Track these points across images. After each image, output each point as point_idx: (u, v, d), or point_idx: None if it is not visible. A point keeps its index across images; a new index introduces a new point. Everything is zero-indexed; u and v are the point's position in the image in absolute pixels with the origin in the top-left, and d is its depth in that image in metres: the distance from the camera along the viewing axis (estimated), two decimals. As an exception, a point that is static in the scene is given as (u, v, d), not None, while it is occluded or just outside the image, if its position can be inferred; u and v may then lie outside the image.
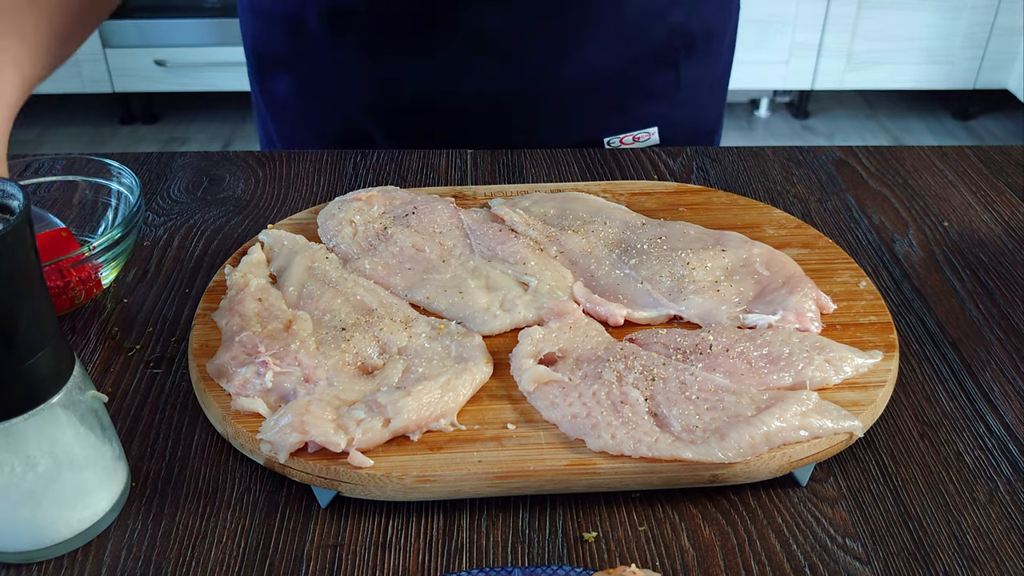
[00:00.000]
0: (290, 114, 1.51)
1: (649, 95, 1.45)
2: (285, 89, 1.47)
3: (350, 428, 0.80)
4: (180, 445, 0.87)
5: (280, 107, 1.51)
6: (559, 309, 0.96)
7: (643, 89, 1.44)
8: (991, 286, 1.09)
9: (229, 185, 1.30)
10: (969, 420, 0.91)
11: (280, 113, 1.52)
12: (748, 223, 1.14)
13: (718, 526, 0.80)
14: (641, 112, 1.46)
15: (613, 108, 1.44)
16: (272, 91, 1.50)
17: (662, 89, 1.45)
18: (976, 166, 1.36)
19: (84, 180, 1.13)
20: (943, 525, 0.80)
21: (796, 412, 0.82)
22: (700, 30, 1.43)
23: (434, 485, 0.79)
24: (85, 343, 0.99)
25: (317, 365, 0.88)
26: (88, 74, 4.27)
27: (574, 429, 0.82)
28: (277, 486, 0.83)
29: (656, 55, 1.41)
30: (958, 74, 4.46)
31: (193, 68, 4.27)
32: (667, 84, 1.45)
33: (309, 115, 1.49)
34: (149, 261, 1.13)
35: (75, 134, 4.51)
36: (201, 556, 0.77)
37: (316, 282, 1.01)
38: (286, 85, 1.47)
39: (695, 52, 1.44)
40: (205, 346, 0.93)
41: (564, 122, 1.44)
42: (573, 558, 0.77)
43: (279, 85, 1.48)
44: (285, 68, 1.45)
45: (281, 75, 1.46)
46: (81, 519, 0.77)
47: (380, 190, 1.16)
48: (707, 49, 1.46)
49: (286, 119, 1.52)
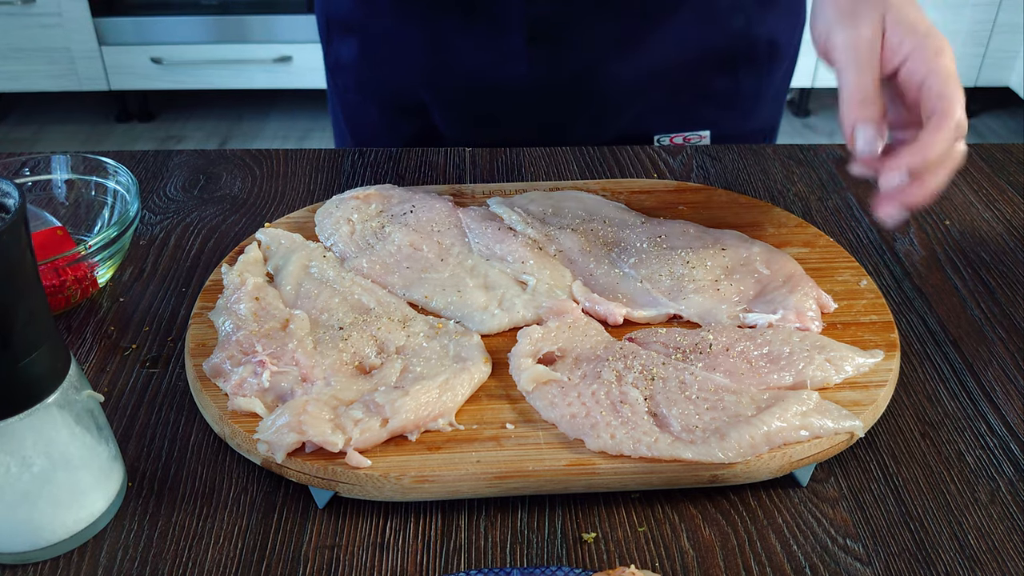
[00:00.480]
0: (351, 80, 1.52)
1: (705, 98, 1.45)
2: (349, 53, 1.48)
3: (348, 428, 0.80)
4: (176, 445, 0.87)
5: (343, 71, 1.52)
6: (558, 308, 0.96)
7: (699, 92, 1.44)
8: (993, 285, 1.09)
9: (226, 183, 1.30)
10: (971, 420, 0.91)
11: (342, 78, 1.54)
12: (748, 222, 1.14)
13: (718, 527, 0.80)
14: (695, 114, 1.46)
15: (667, 107, 1.45)
16: (337, 54, 1.51)
17: (719, 94, 1.45)
18: (978, 164, 1.36)
19: (80, 178, 1.13)
20: (944, 526, 0.80)
21: (797, 412, 0.82)
22: (764, 39, 1.43)
23: (432, 485, 0.79)
24: (81, 342, 0.99)
25: (314, 364, 0.88)
26: (84, 72, 4.26)
27: (573, 429, 0.82)
28: (274, 486, 0.83)
29: (714, 60, 1.41)
30: (960, 71, 4.43)
31: (190, 66, 4.26)
32: (725, 90, 1.45)
33: (371, 81, 1.50)
34: (145, 260, 1.13)
35: (71, 132, 4.50)
36: (198, 557, 0.77)
37: (313, 281, 1.00)
38: (351, 49, 1.48)
39: (757, 61, 1.44)
40: (202, 345, 0.93)
41: (615, 116, 1.45)
42: (572, 559, 0.77)
43: (344, 48, 1.49)
44: (351, 31, 1.46)
45: (347, 38, 1.47)
46: (77, 520, 0.77)
47: (378, 188, 1.16)
48: (770, 59, 1.45)
49: (347, 84, 1.53)
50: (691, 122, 1.47)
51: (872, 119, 0.92)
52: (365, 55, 1.46)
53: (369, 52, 1.46)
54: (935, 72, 0.91)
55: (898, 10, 0.94)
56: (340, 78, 1.54)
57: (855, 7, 0.95)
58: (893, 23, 0.94)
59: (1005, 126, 4.63)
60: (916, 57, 0.92)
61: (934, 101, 0.90)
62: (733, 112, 1.48)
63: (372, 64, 1.47)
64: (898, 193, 0.91)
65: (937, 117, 0.89)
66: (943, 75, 0.90)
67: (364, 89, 1.51)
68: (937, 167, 0.90)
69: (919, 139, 0.89)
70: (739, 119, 1.49)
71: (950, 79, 0.90)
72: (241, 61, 4.23)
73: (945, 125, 0.89)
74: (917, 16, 0.94)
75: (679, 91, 1.43)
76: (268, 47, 4.21)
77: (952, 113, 0.89)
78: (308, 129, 4.56)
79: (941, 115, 0.89)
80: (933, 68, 0.91)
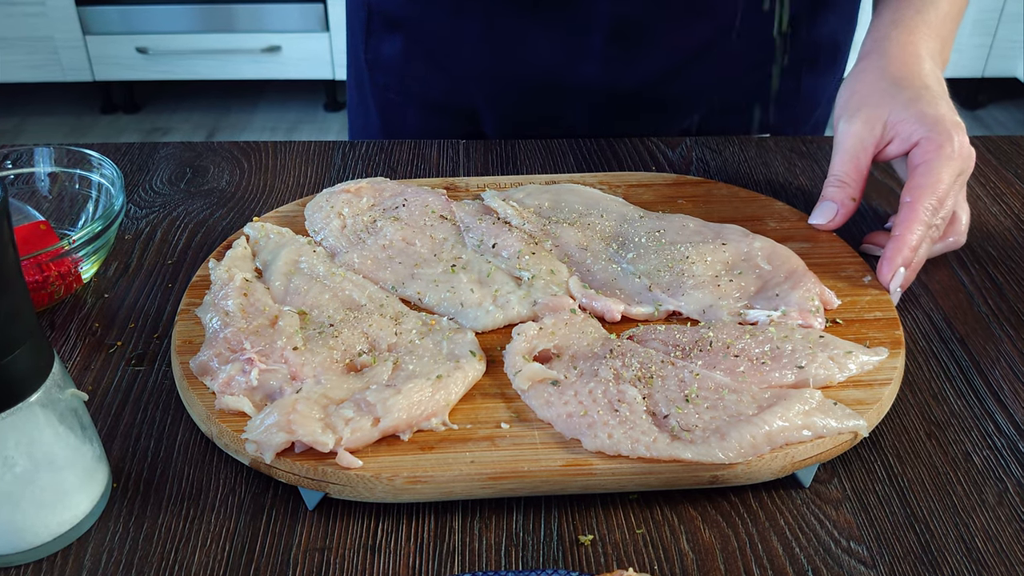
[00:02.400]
0: (393, 77, 1.50)
1: (767, 102, 1.47)
2: (393, 49, 1.47)
3: (338, 427, 0.80)
4: (163, 445, 0.87)
5: (383, 68, 1.51)
6: (554, 305, 0.96)
7: (763, 96, 1.46)
8: (1000, 280, 1.09)
9: (213, 176, 1.30)
10: (978, 419, 0.91)
11: (381, 75, 1.52)
12: (749, 216, 1.14)
13: (718, 529, 0.80)
14: (756, 119, 1.49)
15: (730, 111, 1.47)
16: (378, 50, 1.50)
17: (782, 97, 1.48)
18: (984, 157, 1.36)
19: (64, 171, 1.12)
20: (951, 528, 0.80)
21: (799, 411, 0.82)
22: (826, 42, 1.46)
23: (425, 486, 0.79)
24: (65, 340, 0.99)
25: (304, 362, 0.88)
26: (68, 62, 4.26)
27: (570, 429, 0.82)
28: (263, 487, 0.83)
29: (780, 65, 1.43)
30: (966, 62, 4.46)
31: (176, 56, 4.27)
32: (788, 93, 1.48)
33: (414, 79, 1.49)
34: (131, 255, 1.12)
35: (54, 124, 4.50)
36: (184, 560, 0.77)
37: (303, 277, 1.00)
38: (395, 45, 1.47)
39: (818, 64, 1.47)
40: (188, 343, 0.93)
41: (678, 121, 1.47)
42: (568, 562, 0.77)
43: (387, 44, 1.48)
44: (398, 27, 1.45)
45: (392, 34, 1.46)
46: (60, 521, 0.77)
47: (369, 181, 1.16)
48: (831, 61, 1.49)
49: (387, 82, 1.52)
50: (752, 125, 1.49)
51: (833, 199, 1.10)
52: (412, 52, 1.45)
53: (417, 49, 1.45)
54: (928, 163, 1.03)
55: (905, 107, 1.07)
56: (380, 76, 1.52)
57: (860, 104, 1.10)
58: (899, 120, 1.07)
59: (1012, 118, 4.63)
60: (922, 145, 1.04)
61: (911, 191, 1.03)
62: (793, 114, 1.51)
63: (420, 62, 1.46)
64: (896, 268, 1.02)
65: (907, 209, 1.02)
66: (932, 168, 1.02)
67: (407, 89, 1.50)
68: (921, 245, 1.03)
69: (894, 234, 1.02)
70: (798, 120, 1.53)
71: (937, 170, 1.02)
72: (229, 51, 4.23)
73: (913, 217, 1.01)
74: (927, 108, 1.06)
75: (745, 96, 1.45)
76: (257, 36, 4.21)
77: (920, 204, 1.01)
78: (298, 121, 4.57)
79: (910, 208, 1.02)
80: (929, 159, 1.03)
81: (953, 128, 1.04)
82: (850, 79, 1.14)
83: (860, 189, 1.09)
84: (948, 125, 1.04)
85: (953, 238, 1.09)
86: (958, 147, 1.03)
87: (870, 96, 1.09)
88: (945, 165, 1.02)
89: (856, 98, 1.10)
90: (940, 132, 1.03)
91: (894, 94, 1.08)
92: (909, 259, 1.01)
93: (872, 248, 1.13)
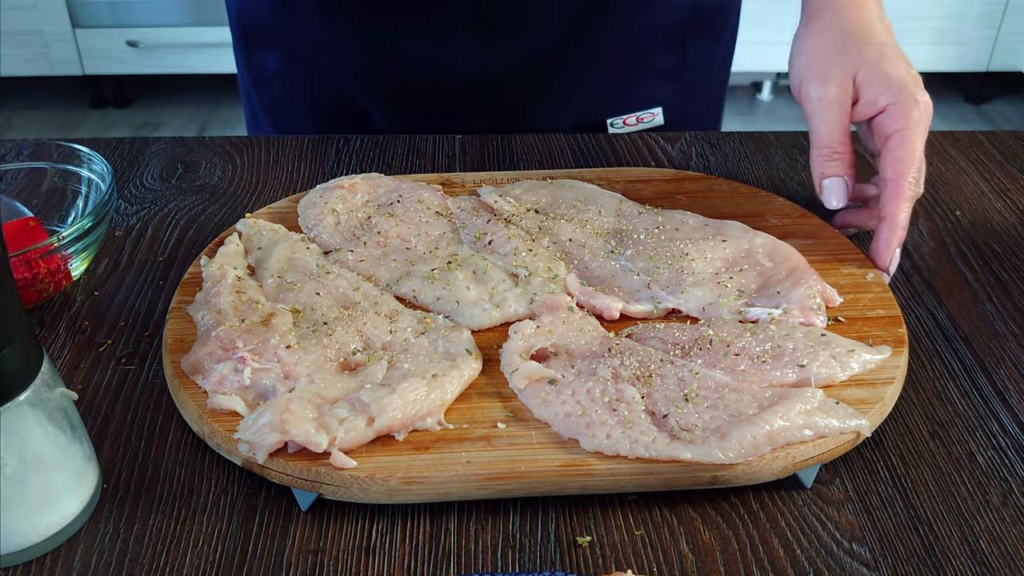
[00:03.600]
0: (279, 90, 1.51)
1: (654, 75, 1.46)
2: (273, 64, 1.47)
3: (332, 427, 0.80)
4: (154, 445, 0.87)
5: (268, 82, 1.51)
6: (551, 302, 0.96)
7: (648, 69, 1.45)
8: (1005, 278, 1.09)
9: (205, 172, 1.30)
10: (982, 419, 0.91)
11: (268, 90, 1.52)
12: (750, 212, 1.14)
13: (718, 530, 0.80)
14: (645, 93, 1.47)
15: (617, 88, 1.45)
16: (260, 66, 1.50)
17: (668, 69, 1.46)
18: (989, 152, 1.36)
19: (53, 167, 1.12)
20: (955, 529, 0.80)
21: (800, 410, 0.82)
22: (708, 7, 1.44)
23: (420, 487, 0.79)
24: (54, 338, 0.99)
25: (297, 361, 0.88)
26: (57, 55, 4.26)
27: (567, 428, 0.82)
28: (255, 488, 0.83)
29: (662, 34, 1.42)
30: (970, 56, 4.46)
31: (167, 49, 4.26)
32: (673, 64, 1.46)
33: (300, 90, 1.49)
34: (121, 252, 1.12)
35: (43, 119, 4.50)
36: (176, 562, 0.77)
37: (296, 274, 1.00)
38: (275, 60, 1.47)
39: (702, 30, 1.45)
40: (180, 341, 0.93)
41: (564, 102, 1.45)
42: (566, 564, 0.77)
43: (267, 59, 1.48)
44: (274, 42, 1.45)
45: (270, 49, 1.46)
46: (50, 523, 0.76)
47: (364, 177, 1.16)
48: (714, 27, 1.47)
49: (275, 96, 1.52)
50: (642, 102, 1.48)
51: (838, 174, 1.07)
52: (292, 65, 1.46)
53: (296, 61, 1.45)
54: (900, 132, 1.03)
55: (871, 67, 1.06)
56: (267, 90, 1.52)
57: (827, 66, 1.08)
58: (866, 81, 1.06)
59: (1018, 112, 4.64)
60: (891, 111, 1.04)
61: (892, 165, 1.03)
62: (682, 86, 1.49)
63: (301, 73, 1.46)
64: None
65: (892, 185, 1.03)
66: (906, 137, 1.03)
67: (294, 100, 1.50)
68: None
69: (884, 214, 1.03)
70: (689, 93, 1.51)
71: (912, 140, 1.03)
72: (221, 44, 4.22)
73: (900, 195, 1.02)
74: (889, 68, 1.06)
75: (630, 71, 1.44)
76: (249, 30, 4.20)
77: (904, 178, 1.02)
78: (291, 115, 4.55)
79: (895, 185, 1.03)
80: (900, 127, 1.03)
81: (915, 88, 1.05)
82: (806, 37, 1.13)
83: (851, 158, 1.08)
84: (911, 86, 1.04)
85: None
86: (924, 108, 1.04)
87: (836, 56, 1.08)
88: (917, 132, 1.03)
89: (821, 59, 1.09)
90: (907, 96, 1.04)
91: (859, 52, 1.07)
92: (902, 238, 1.03)
93: (847, 229, 1.15)
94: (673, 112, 1.49)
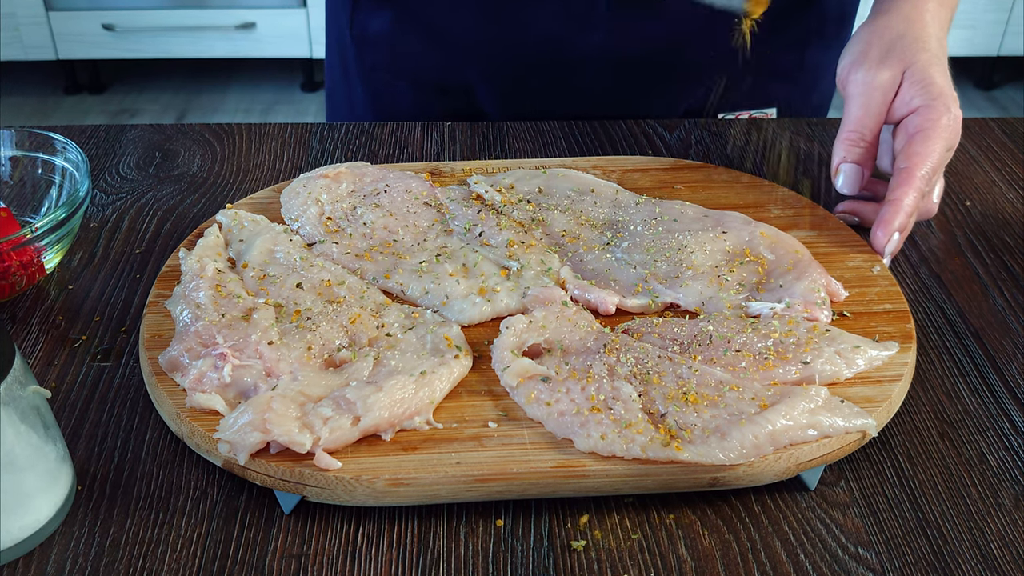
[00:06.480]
0: (382, 55, 1.50)
1: (772, 75, 1.49)
2: (381, 24, 1.47)
3: (316, 427, 0.80)
4: (130, 445, 0.87)
5: (371, 44, 1.50)
6: (545, 296, 0.96)
7: (767, 69, 1.47)
8: (1017, 271, 1.09)
9: (184, 161, 1.30)
10: (993, 418, 0.91)
11: (370, 52, 1.51)
12: (751, 202, 1.14)
13: (719, 534, 0.80)
14: (760, 91, 1.50)
15: (733, 84, 1.47)
16: (365, 25, 1.49)
17: (786, 70, 1.49)
18: (1000, 140, 1.36)
19: (25, 155, 1.12)
20: (965, 533, 0.80)
21: (804, 409, 0.82)
22: (833, 13, 1.48)
23: (408, 489, 0.79)
24: (26, 333, 0.99)
25: (280, 358, 0.88)
26: (29, 39, 4.25)
27: (561, 428, 0.82)
28: (236, 490, 0.83)
29: (786, 38, 1.45)
30: (981, 40, 4.46)
31: (145, 33, 4.25)
32: (791, 66, 1.49)
33: (404, 56, 1.48)
34: (96, 244, 1.12)
35: (15, 105, 4.49)
36: (153, 567, 0.77)
37: (279, 267, 1.00)
38: (383, 20, 1.46)
39: (824, 35, 1.48)
40: (157, 337, 0.93)
41: (678, 94, 1.48)
42: (560, 569, 0.77)
43: (376, 19, 1.47)
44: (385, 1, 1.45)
45: (380, 7, 1.46)
46: (22, 526, 0.76)
47: (349, 166, 1.16)
48: (836, 32, 1.50)
49: (376, 60, 1.51)
50: (757, 100, 1.51)
51: (858, 162, 1.10)
52: (403, 27, 1.45)
53: (409, 23, 1.44)
54: (925, 132, 1.06)
55: (921, 68, 1.09)
56: (368, 54, 1.51)
57: (884, 55, 1.11)
58: (911, 79, 1.09)
59: (1030, 99, 4.64)
60: (921, 113, 1.07)
61: (908, 157, 1.06)
62: (798, 87, 1.53)
63: (412, 37, 1.45)
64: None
65: (904, 173, 1.05)
66: (929, 136, 1.06)
67: (398, 67, 1.49)
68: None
69: (890, 198, 1.05)
70: (803, 92, 1.55)
71: (933, 140, 1.06)
72: (201, 27, 4.22)
73: (910, 182, 1.05)
74: (935, 75, 1.09)
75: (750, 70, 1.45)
76: (229, 12, 4.20)
77: (918, 169, 1.05)
78: (273, 102, 4.56)
79: (907, 173, 1.05)
80: (926, 128, 1.06)
81: (952, 101, 1.08)
82: (864, 32, 1.15)
83: (874, 152, 1.11)
84: (948, 97, 1.08)
85: (926, 207, 1.13)
86: (954, 120, 1.07)
87: (895, 48, 1.11)
88: (941, 136, 1.05)
89: (880, 47, 1.12)
90: (940, 103, 1.07)
91: (916, 52, 1.10)
92: (904, 223, 1.04)
93: (848, 216, 1.17)
94: (786, 111, 1.53)
